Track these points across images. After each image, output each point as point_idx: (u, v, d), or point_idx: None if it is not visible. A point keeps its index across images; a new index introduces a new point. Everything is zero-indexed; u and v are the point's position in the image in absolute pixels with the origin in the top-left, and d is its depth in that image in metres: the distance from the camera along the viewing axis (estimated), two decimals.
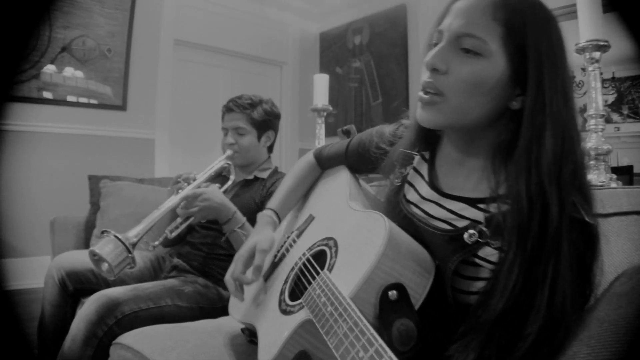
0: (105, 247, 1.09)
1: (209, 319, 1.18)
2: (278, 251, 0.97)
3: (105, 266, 1.11)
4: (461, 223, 0.67)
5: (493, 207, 0.63)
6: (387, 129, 0.91)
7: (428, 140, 0.78)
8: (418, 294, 0.64)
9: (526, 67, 0.61)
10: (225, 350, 0.95)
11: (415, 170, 0.79)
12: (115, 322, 1.15)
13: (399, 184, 0.79)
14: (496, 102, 0.64)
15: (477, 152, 0.70)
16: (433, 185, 0.74)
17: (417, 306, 0.63)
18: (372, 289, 0.62)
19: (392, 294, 0.61)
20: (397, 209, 0.77)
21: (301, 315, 0.68)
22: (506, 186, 0.63)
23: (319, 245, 0.81)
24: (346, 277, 0.65)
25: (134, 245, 1.13)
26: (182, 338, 0.99)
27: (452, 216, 0.69)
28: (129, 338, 1.02)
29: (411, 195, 0.77)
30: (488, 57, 0.62)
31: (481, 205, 0.66)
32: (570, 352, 0.50)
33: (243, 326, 0.96)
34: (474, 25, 0.62)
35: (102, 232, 1.13)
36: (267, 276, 0.92)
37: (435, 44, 0.67)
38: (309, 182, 1.10)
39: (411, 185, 0.78)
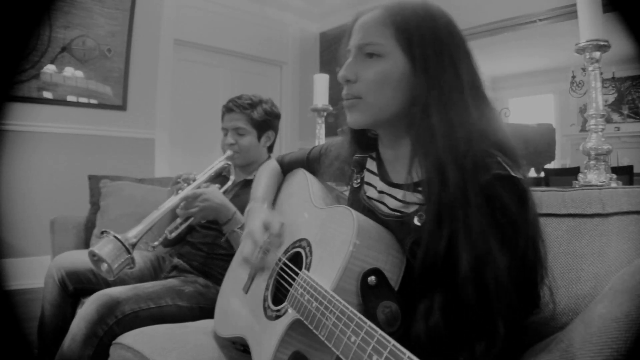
0: (105, 247, 1.09)
1: (209, 319, 1.18)
2: (268, 244, 0.96)
3: (104, 267, 1.10)
4: (409, 209, 0.74)
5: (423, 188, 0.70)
6: (336, 140, 0.99)
7: (368, 145, 0.88)
8: (395, 275, 0.67)
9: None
10: (226, 351, 0.95)
11: (369, 170, 0.87)
12: (116, 322, 1.14)
13: (358, 185, 0.87)
14: (408, 93, 0.72)
15: (404, 142, 0.76)
16: (384, 178, 0.82)
17: (396, 287, 0.66)
18: (351, 278, 0.64)
19: (371, 279, 0.64)
20: (360, 206, 0.83)
21: (288, 317, 0.69)
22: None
23: (292, 248, 0.82)
24: (325, 272, 0.67)
25: (134, 245, 1.13)
26: (182, 338, 0.99)
27: (400, 204, 0.76)
28: (129, 338, 1.02)
29: (371, 192, 0.84)
30: (388, 56, 0.72)
31: (419, 189, 0.72)
32: (573, 348, 0.50)
33: (233, 341, 0.96)
34: (370, 34, 0.74)
35: (102, 233, 1.13)
36: (247, 288, 0.92)
37: None
38: (277, 182, 1.14)
39: (369, 184, 0.85)
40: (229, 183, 1.50)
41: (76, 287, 1.43)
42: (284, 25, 4.57)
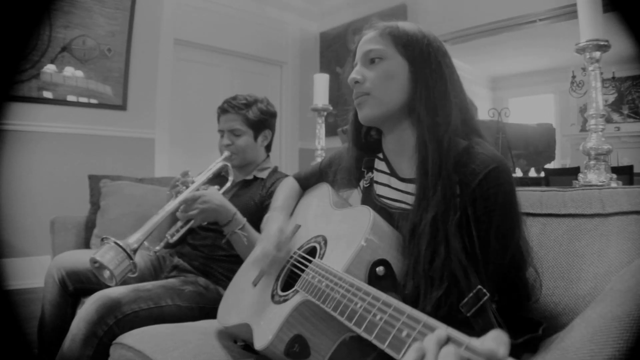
0: (106, 254, 1.09)
1: (210, 319, 1.18)
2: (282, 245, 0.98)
3: (106, 273, 1.10)
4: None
5: None
6: (343, 147, 1.06)
7: (369, 147, 0.97)
8: (403, 271, 0.71)
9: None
10: (226, 351, 0.95)
11: (378, 170, 0.94)
12: (115, 322, 1.14)
13: (368, 185, 0.94)
14: (407, 87, 0.84)
15: (407, 133, 0.86)
16: (395, 174, 0.90)
17: (402, 283, 0.69)
18: (362, 265, 0.68)
19: (380, 269, 0.68)
20: (372, 205, 0.88)
21: (296, 299, 0.71)
22: None
23: (308, 244, 0.85)
24: (337, 259, 0.70)
25: (135, 251, 1.13)
26: (183, 338, 0.99)
27: (410, 197, 0.83)
28: (130, 338, 1.02)
29: (381, 190, 0.91)
30: (388, 57, 0.85)
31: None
32: (574, 347, 0.50)
33: (234, 337, 0.97)
34: (373, 44, 0.86)
35: (102, 240, 1.12)
36: (257, 282, 0.93)
37: None
38: (296, 195, 1.19)
39: (379, 183, 0.92)
40: (228, 184, 1.50)
41: (76, 287, 1.43)
42: (284, 25, 4.57)
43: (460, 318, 0.60)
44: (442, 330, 0.44)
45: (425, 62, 0.82)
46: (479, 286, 0.61)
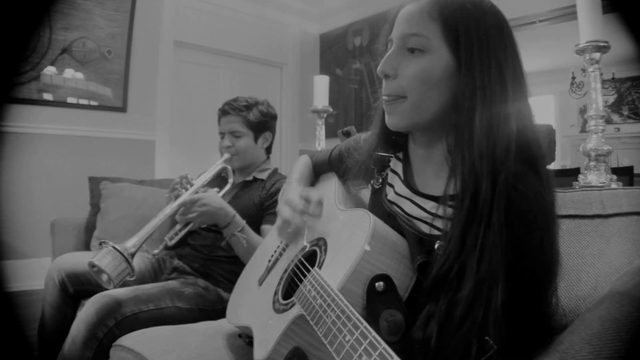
0: (104, 258, 1.10)
1: (210, 321, 1.18)
2: (272, 256, 0.98)
3: (104, 277, 1.11)
4: (433, 221, 0.70)
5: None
6: (363, 136, 0.94)
7: (395, 143, 0.83)
8: (405, 284, 0.66)
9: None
10: (226, 352, 0.95)
11: (393, 171, 0.83)
12: (115, 324, 1.14)
13: (379, 186, 0.83)
14: (451, 94, 0.67)
15: (439, 147, 0.72)
16: (407, 182, 0.78)
17: (404, 297, 0.65)
18: (360, 280, 0.63)
19: (379, 285, 0.63)
20: (380, 210, 0.79)
21: (293, 312, 0.69)
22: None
23: (310, 247, 0.83)
24: (334, 271, 0.67)
25: (133, 255, 1.13)
26: (183, 340, 0.98)
27: (426, 215, 0.72)
28: (129, 340, 1.02)
29: (392, 196, 0.80)
30: (432, 52, 0.67)
31: (451, 203, 0.66)
32: (573, 350, 0.50)
33: (240, 332, 0.97)
34: (416, 26, 0.68)
35: (100, 244, 1.13)
36: (262, 281, 0.93)
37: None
38: (309, 173, 1.11)
39: (391, 185, 0.81)
40: (228, 186, 1.50)
41: (76, 289, 1.43)
42: (284, 27, 4.57)
43: None
44: None
45: (483, 64, 0.65)
46: (486, 337, 0.55)
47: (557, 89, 6.51)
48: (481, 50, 0.65)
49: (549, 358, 0.53)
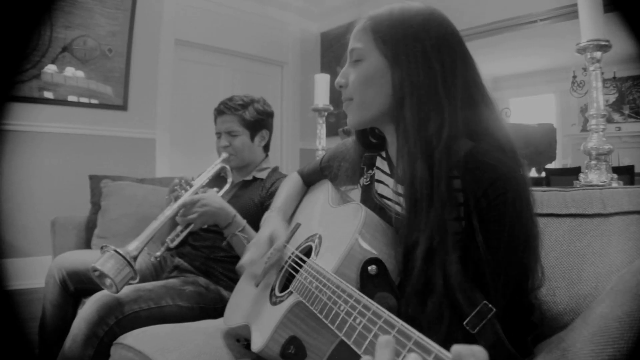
0: (107, 263, 1.09)
1: (211, 319, 1.18)
2: (269, 258, 0.98)
3: (107, 281, 1.11)
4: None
5: None
6: (350, 139, 1.01)
7: (373, 145, 0.91)
8: (397, 269, 0.69)
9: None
10: (226, 351, 0.95)
11: (379, 169, 0.89)
12: (116, 322, 1.14)
13: (368, 182, 0.90)
14: (388, 88, 0.75)
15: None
16: (392, 176, 0.84)
17: (396, 282, 0.67)
18: (353, 264, 0.66)
19: (372, 268, 0.66)
20: (372, 204, 0.84)
21: (290, 301, 0.71)
22: None
23: (305, 243, 0.86)
24: (329, 258, 0.69)
25: (135, 258, 1.13)
26: (184, 338, 0.99)
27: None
28: (130, 338, 1.02)
29: (382, 189, 0.86)
30: (367, 58, 0.77)
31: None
32: (575, 348, 0.50)
33: (237, 337, 0.97)
34: (357, 41, 0.79)
35: (102, 248, 1.13)
36: (258, 282, 0.94)
37: None
38: (299, 192, 1.17)
39: (380, 182, 0.87)
40: (227, 186, 1.49)
41: (77, 287, 1.43)
42: (284, 25, 4.57)
43: (462, 334, 0.57)
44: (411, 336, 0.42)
45: (409, 59, 0.72)
46: (484, 301, 0.57)
47: (558, 88, 6.51)
48: (407, 46, 0.73)
49: (551, 356, 0.54)
